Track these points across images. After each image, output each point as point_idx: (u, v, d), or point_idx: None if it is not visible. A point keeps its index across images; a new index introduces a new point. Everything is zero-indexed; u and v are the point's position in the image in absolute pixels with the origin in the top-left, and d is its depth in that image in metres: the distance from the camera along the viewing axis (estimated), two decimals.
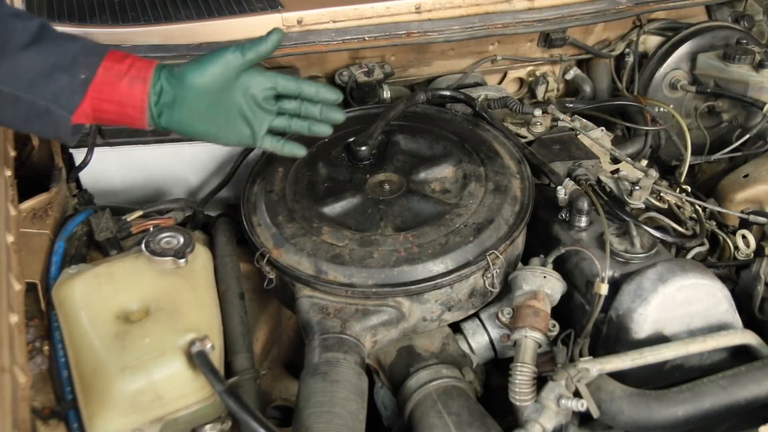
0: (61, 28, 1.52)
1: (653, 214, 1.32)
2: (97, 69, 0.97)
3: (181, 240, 1.10)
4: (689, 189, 1.53)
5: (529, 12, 1.73)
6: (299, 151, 1.16)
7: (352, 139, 1.37)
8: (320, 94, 1.12)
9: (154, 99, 1.01)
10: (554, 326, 1.16)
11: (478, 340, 1.23)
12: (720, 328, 1.13)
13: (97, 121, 1.02)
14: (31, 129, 1.12)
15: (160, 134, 1.41)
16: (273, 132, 1.13)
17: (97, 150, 1.39)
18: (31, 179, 1.39)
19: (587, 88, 1.94)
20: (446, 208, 1.22)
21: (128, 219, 1.27)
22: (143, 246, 1.08)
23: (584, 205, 1.23)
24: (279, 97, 1.11)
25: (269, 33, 1.08)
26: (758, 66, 1.72)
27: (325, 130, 1.15)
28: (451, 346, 1.21)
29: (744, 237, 1.43)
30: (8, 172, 1.18)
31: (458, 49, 1.82)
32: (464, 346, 1.22)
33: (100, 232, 1.22)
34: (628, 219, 1.22)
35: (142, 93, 1.00)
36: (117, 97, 0.99)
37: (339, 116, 1.14)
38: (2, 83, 0.94)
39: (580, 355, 1.11)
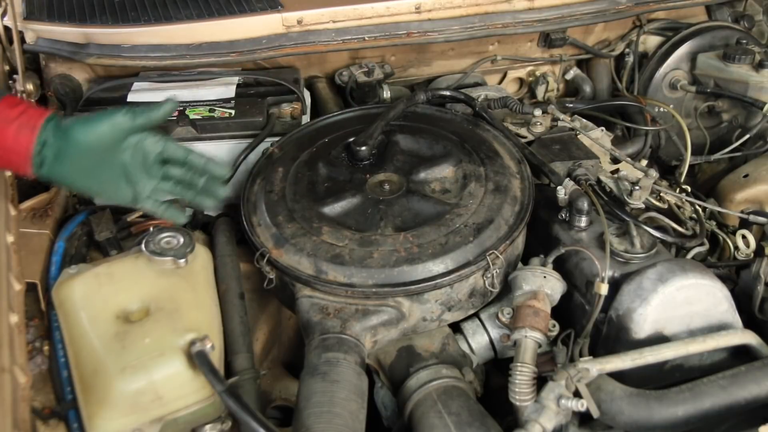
0: (61, 29, 1.54)
1: (653, 214, 1.32)
2: None
3: (181, 240, 1.10)
4: (689, 189, 1.53)
5: (529, 12, 1.73)
6: (179, 218, 1.12)
7: (352, 139, 1.37)
8: (207, 167, 1.10)
9: (38, 149, 0.98)
10: (554, 326, 1.16)
11: (478, 340, 1.23)
12: (720, 328, 1.13)
13: None
14: None
15: None
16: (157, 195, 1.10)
17: None
18: (31, 179, 1.39)
19: (587, 88, 1.94)
20: (446, 208, 1.22)
21: (128, 219, 1.27)
22: (143, 246, 1.08)
23: (584, 205, 1.23)
24: (166, 162, 1.09)
25: (163, 102, 1.06)
26: (758, 66, 1.72)
27: (208, 204, 1.11)
28: (451, 346, 1.21)
29: (744, 237, 1.43)
30: (8, 172, 1.18)
31: (458, 49, 1.82)
32: (464, 346, 1.22)
33: (100, 232, 1.22)
34: (628, 219, 1.22)
35: (28, 142, 0.97)
36: (2, 143, 0.97)
37: (220, 193, 1.11)
38: None
39: (580, 355, 1.11)
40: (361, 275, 1.12)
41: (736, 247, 1.44)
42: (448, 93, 1.55)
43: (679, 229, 1.33)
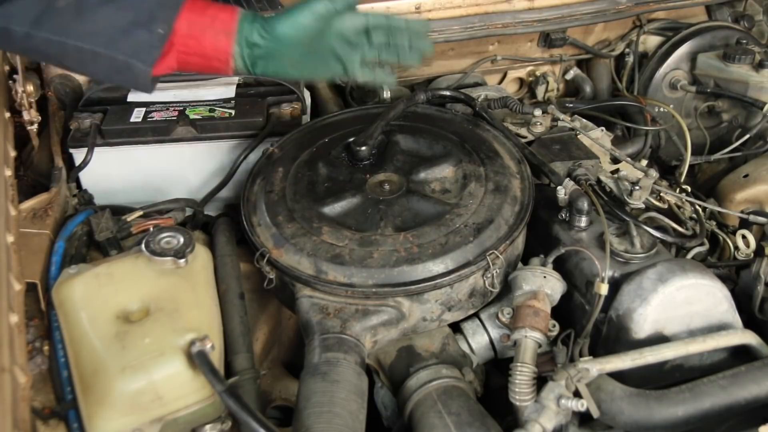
0: None
1: (653, 214, 1.32)
2: (174, 23, 0.99)
3: (181, 240, 1.10)
4: (689, 189, 1.53)
5: (529, 12, 1.74)
6: (390, 79, 1.15)
7: (352, 139, 1.37)
8: (409, 26, 1.12)
9: (247, 51, 1.03)
10: (554, 326, 1.16)
11: (478, 340, 1.23)
12: (720, 328, 1.13)
13: (181, 70, 1.05)
14: (113, 81, 1.16)
15: (160, 134, 1.42)
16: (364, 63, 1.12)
17: (97, 150, 1.39)
18: (31, 179, 1.39)
19: (587, 88, 1.94)
20: (446, 208, 1.22)
21: (128, 219, 1.27)
22: (143, 246, 1.08)
23: (584, 205, 1.24)
24: (369, 31, 1.11)
25: None
26: (758, 66, 1.72)
27: (414, 59, 1.13)
28: (451, 346, 1.21)
29: (744, 237, 1.43)
30: (8, 172, 1.18)
31: (458, 49, 1.82)
32: (464, 346, 1.22)
33: (100, 232, 1.22)
34: (628, 219, 1.22)
35: (227, 46, 1.02)
36: (201, 51, 1.02)
37: (426, 47, 1.13)
38: (82, 41, 0.97)
39: (580, 355, 1.11)
40: (361, 275, 1.12)
41: (736, 247, 1.44)
42: (448, 93, 1.55)
43: (679, 229, 1.33)
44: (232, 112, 1.46)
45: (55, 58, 1.06)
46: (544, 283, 1.15)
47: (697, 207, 1.40)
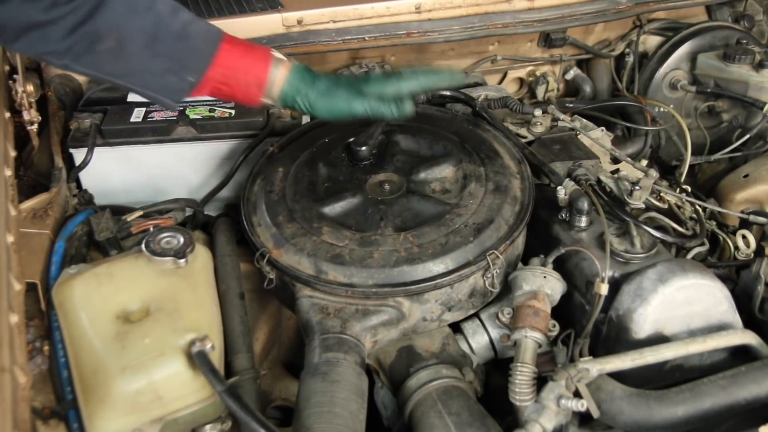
0: None
1: (653, 214, 1.32)
2: (206, 72, 1.06)
3: (181, 240, 1.10)
4: (689, 189, 1.53)
5: (529, 12, 1.74)
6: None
7: (352, 139, 1.37)
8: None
9: (284, 100, 1.14)
10: (554, 326, 1.16)
11: (478, 340, 1.23)
12: (720, 328, 1.13)
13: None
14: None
15: (160, 134, 1.42)
16: None
17: (97, 150, 1.39)
18: (31, 179, 1.39)
19: (587, 88, 1.94)
20: (446, 208, 1.22)
21: (128, 219, 1.27)
22: (143, 246, 1.08)
23: (584, 205, 1.23)
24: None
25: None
26: (758, 66, 1.72)
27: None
28: (451, 346, 1.21)
29: (744, 237, 1.43)
30: (8, 172, 1.18)
31: (458, 49, 1.82)
32: (464, 346, 1.22)
33: (100, 232, 1.22)
34: (628, 219, 1.22)
35: (257, 97, 1.12)
36: (232, 95, 1.12)
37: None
38: (115, 76, 1.05)
39: (580, 355, 1.12)
40: (361, 275, 1.12)
41: (736, 247, 1.44)
42: (448, 93, 1.55)
43: (679, 229, 1.33)
44: (232, 112, 1.46)
45: (93, 78, 1.20)
46: (544, 283, 1.15)
47: (697, 207, 1.40)
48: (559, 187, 1.27)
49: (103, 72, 1.04)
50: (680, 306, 1.11)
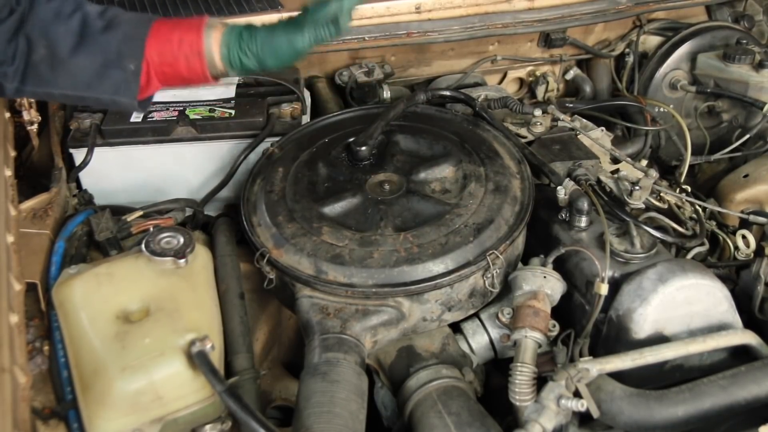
0: None
1: (653, 214, 1.32)
2: (143, 55, 1.04)
3: (181, 240, 1.10)
4: (689, 189, 1.53)
5: (529, 12, 1.74)
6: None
7: (352, 139, 1.37)
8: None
9: (228, 60, 1.09)
10: (554, 326, 1.16)
11: (478, 340, 1.23)
12: (720, 328, 1.13)
13: (168, 87, 1.12)
14: (108, 109, 1.20)
15: (160, 134, 1.42)
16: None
17: (97, 150, 1.39)
18: (31, 179, 1.39)
19: (587, 88, 1.94)
20: (446, 208, 1.22)
21: (128, 219, 1.27)
22: (143, 246, 1.08)
23: (584, 205, 1.23)
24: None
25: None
26: (758, 66, 1.72)
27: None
28: (451, 346, 1.21)
29: (744, 237, 1.43)
30: (8, 172, 1.18)
31: (458, 49, 1.82)
32: (464, 346, 1.22)
33: (100, 232, 1.22)
34: (628, 219, 1.22)
35: (201, 67, 1.07)
36: (179, 74, 1.07)
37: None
38: (64, 89, 1.04)
39: (580, 355, 1.12)
40: (361, 275, 1.12)
41: (736, 247, 1.44)
42: (448, 93, 1.55)
43: (679, 229, 1.33)
44: (232, 112, 1.46)
45: (51, 100, 1.14)
46: (544, 283, 1.15)
47: (697, 207, 1.40)
48: (559, 187, 1.27)
49: (49, 86, 1.04)
50: (680, 306, 1.11)
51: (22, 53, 1.00)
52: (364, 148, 1.34)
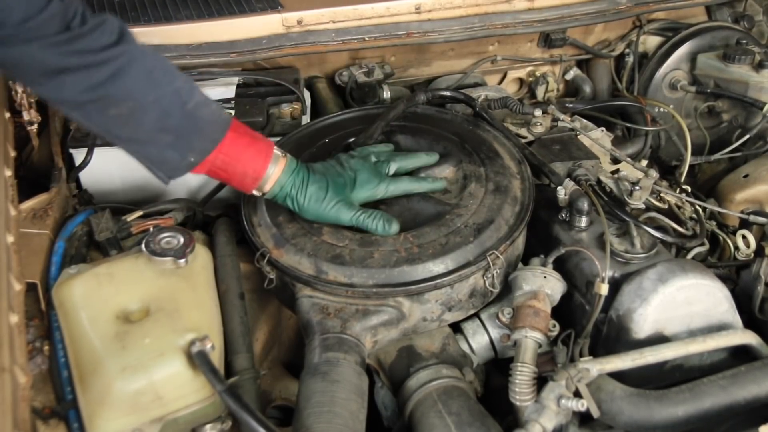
0: None
1: (653, 214, 1.32)
2: (208, 155, 1.07)
3: (181, 240, 1.10)
4: (689, 189, 1.53)
5: (529, 12, 1.73)
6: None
7: (352, 140, 1.37)
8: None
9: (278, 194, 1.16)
10: (554, 326, 1.16)
11: (478, 340, 1.23)
12: (720, 328, 1.13)
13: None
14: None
15: None
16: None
17: (97, 150, 1.39)
18: (31, 179, 1.39)
19: (587, 89, 1.94)
20: (446, 208, 1.22)
21: (128, 219, 1.27)
22: (143, 246, 1.08)
23: (584, 205, 1.23)
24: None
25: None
26: (758, 66, 1.72)
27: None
28: (452, 346, 1.21)
29: (744, 237, 1.43)
30: (8, 172, 1.18)
31: (458, 49, 1.82)
32: (464, 346, 1.22)
33: (100, 232, 1.21)
34: (628, 219, 1.22)
35: (250, 189, 1.14)
36: (228, 180, 1.12)
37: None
38: (122, 142, 1.05)
39: (580, 355, 1.11)
40: (362, 275, 1.12)
41: (736, 247, 1.44)
42: (448, 93, 1.55)
43: (679, 229, 1.33)
44: (232, 112, 1.46)
45: (91, 131, 1.14)
46: (544, 283, 1.15)
47: (697, 207, 1.40)
48: (559, 188, 1.27)
49: (109, 134, 1.03)
50: (680, 306, 1.11)
51: (100, 105, 0.98)
52: None
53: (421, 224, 1.19)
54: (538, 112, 1.52)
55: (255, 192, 1.15)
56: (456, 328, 1.24)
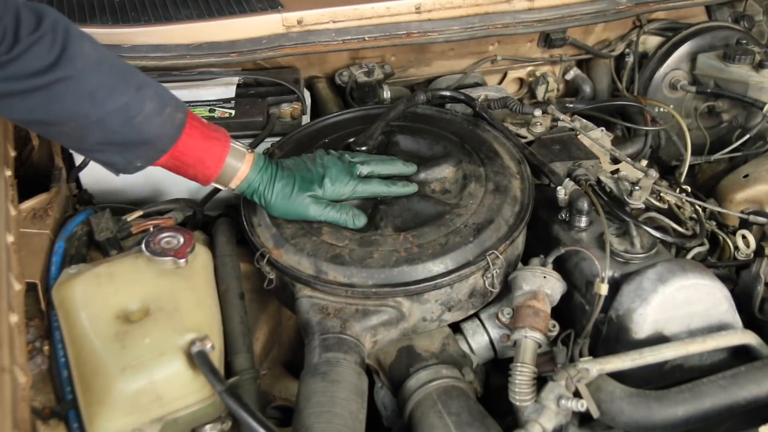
0: None
1: (653, 214, 1.32)
2: (153, 162, 1.08)
3: (181, 240, 1.10)
4: (689, 189, 1.53)
5: (529, 12, 1.73)
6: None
7: (352, 140, 1.37)
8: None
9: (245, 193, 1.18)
10: (554, 326, 1.16)
11: (478, 340, 1.23)
12: (720, 328, 1.13)
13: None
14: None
15: None
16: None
17: None
18: (31, 179, 1.39)
19: (587, 89, 1.94)
20: (446, 208, 1.22)
21: (128, 219, 1.27)
22: (143, 246, 1.08)
23: (584, 205, 1.23)
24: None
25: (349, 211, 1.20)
26: (758, 66, 1.72)
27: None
28: (451, 347, 1.21)
29: (744, 237, 1.43)
30: (8, 172, 1.18)
31: (458, 49, 1.82)
32: (464, 347, 1.22)
33: (100, 232, 1.22)
34: (628, 219, 1.22)
35: (206, 184, 1.15)
36: (183, 174, 1.13)
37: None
38: (69, 147, 1.12)
39: (580, 355, 1.11)
40: (361, 275, 1.12)
41: (736, 247, 1.44)
42: (448, 93, 1.55)
43: (679, 229, 1.33)
44: (232, 112, 1.46)
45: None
46: (544, 283, 1.15)
47: (697, 207, 1.40)
48: (559, 188, 1.27)
49: (59, 142, 1.10)
50: (680, 306, 1.11)
51: (43, 125, 1.01)
52: (364, 148, 1.34)
53: (421, 224, 1.19)
54: (538, 112, 1.52)
55: (220, 187, 1.16)
56: (456, 328, 1.24)
